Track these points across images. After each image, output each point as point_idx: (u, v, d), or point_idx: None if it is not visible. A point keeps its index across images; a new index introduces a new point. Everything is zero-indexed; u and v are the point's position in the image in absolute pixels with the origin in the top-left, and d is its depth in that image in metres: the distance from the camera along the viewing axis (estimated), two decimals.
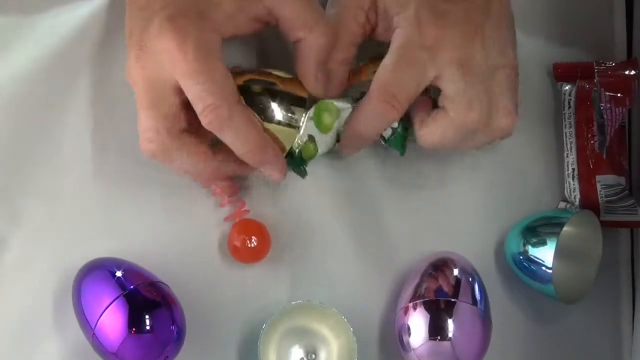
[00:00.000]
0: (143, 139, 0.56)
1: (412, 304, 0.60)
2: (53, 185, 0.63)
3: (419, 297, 0.60)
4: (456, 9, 0.57)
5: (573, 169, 0.66)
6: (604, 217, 0.65)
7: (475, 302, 0.60)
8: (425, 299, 0.60)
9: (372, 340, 0.64)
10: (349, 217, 0.65)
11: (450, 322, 0.59)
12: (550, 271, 0.61)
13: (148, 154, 0.57)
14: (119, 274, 0.58)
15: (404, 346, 0.60)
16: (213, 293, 0.63)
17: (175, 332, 0.58)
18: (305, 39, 0.58)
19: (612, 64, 0.66)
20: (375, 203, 0.65)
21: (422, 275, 0.62)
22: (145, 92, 0.56)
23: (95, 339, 0.57)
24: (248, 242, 0.62)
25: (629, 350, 0.66)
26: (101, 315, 0.57)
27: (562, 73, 0.67)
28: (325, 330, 0.61)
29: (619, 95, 0.65)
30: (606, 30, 0.70)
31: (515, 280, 0.65)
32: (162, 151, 0.56)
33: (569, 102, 0.66)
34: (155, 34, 0.54)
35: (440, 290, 0.60)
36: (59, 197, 0.63)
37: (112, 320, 0.57)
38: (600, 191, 0.65)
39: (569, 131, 0.66)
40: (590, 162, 0.65)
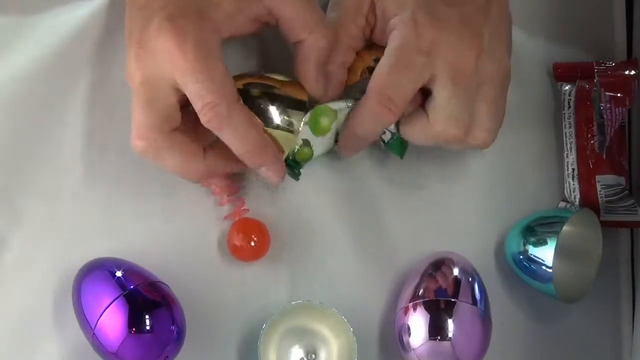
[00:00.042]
0: (135, 135, 0.56)
1: (412, 304, 0.60)
2: (53, 185, 0.63)
3: (419, 297, 0.60)
4: (455, 12, 0.57)
5: (573, 169, 0.66)
6: (604, 217, 0.65)
7: (475, 302, 0.60)
8: (425, 299, 0.60)
9: (372, 340, 0.63)
10: (349, 217, 0.65)
11: (450, 322, 0.59)
12: (550, 270, 0.61)
13: (138, 150, 0.56)
14: (119, 274, 0.58)
15: (404, 346, 0.60)
16: (213, 293, 0.63)
17: (175, 332, 0.58)
18: (306, 41, 0.58)
19: (612, 64, 0.66)
20: (375, 203, 0.65)
21: (422, 275, 0.62)
22: (142, 90, 0.56)
23: (95, 339, 0.57)
24: (248, 240, 0.62)
25: (629, 350, 0.66)
26: (101, 315, 0.57)
27: (562, 73, 0.67)
28: (325, 330, 0.61)
29: (619, 95, 0.65)
30: (606, 30, 0.70)
31: (515, 280, 0.65)
32: (153, 149, 0.56)
33: (568, 102, 0.66)
34: (155, 33, 0.54)
35: (440, 290, 0.60)
36: (59, 197, 0.63)
37: (112, 320, 0.57)
38: (600, 191, 0.65)
39: (568, 131, 0.66)
40: (590, 162, 0.65)
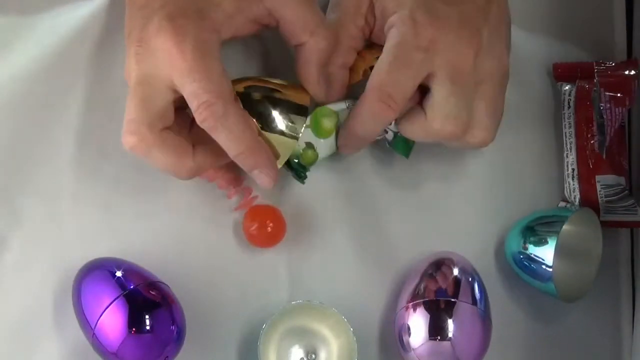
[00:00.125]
0: (125, 130, 0.56)
1: (412, 304, 0.60)
2: (53, 185, 0.63)
3: (419, 297, 0.60)
4: (454, 11, 0.57)
5: (573, 169, 0.66)
6: (603, 217, 0.65)
7: (475, 302, 0.60)
8: (425, 299, 0.60)
9: (372, 340, 0.63)
10: (349, 217, 0.65)
11: (450, 322, 0.59)
12: (550, 269, 0.61)
13: (129, 146, 0.56)
14: (119, 274, 0.58)
15: (404, 346, 0.60)
16: (213, 293, 0.63)
17: (175, 332, 0.58)
18: (307, 43, 0.58)
19: (612, 64, 0.66)
20: (375, 203, 0.65)
21: (422, 275, 0.62)
22: (138, 87, 0.56)
23: (95, 339, 0.57)
24: (264, 226, 0.62)
25: (629, 350, 0.65)
26: (101, 315, 0.57)
27: (562, 73, 0.67)
28: (325, 330, 0.61)
29: (619, 95, 0.65)
30: (606, 30, 0.70)
31: (516, 279, 0.64)
32: (143, 145, 0.56)
33: (568, 102, 0.66)
34: (154, 32, 0.54)
35: (440, 290, 0.60)
36: (58, 197, 0.63)
37: (112, 320, 0.57)
38: (600, 191, 0.65)
39: (568, 131, 0.66)
40: (590, 162, 0.65)
